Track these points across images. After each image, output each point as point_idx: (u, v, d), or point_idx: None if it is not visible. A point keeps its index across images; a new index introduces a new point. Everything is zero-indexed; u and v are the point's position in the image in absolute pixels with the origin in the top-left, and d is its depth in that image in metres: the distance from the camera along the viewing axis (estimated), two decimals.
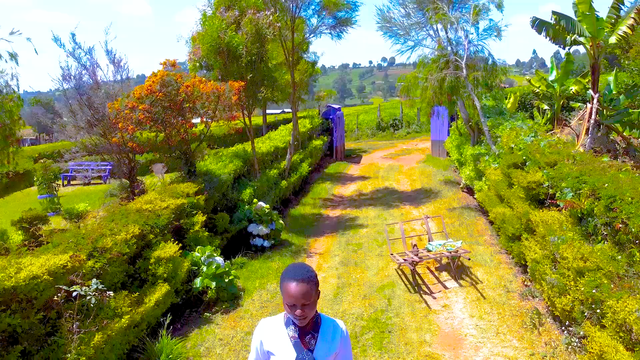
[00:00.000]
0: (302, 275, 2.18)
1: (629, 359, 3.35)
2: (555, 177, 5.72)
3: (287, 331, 2.33)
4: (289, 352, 2.29)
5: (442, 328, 5.26)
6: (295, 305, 2.17)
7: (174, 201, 6.84)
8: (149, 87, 7.67)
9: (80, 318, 4.09)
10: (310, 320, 2.30)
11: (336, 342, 2.34)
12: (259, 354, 2.37)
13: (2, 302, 3.70)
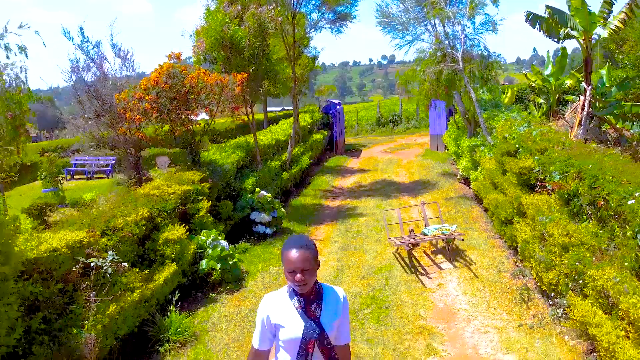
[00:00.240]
0: (301, 243, 2.31)
1: (606, 321, 3.63)
2: (545, 163, 6.00)
3: (292, 302, 2.39)
4: (297, 323, 2.35)
5: (437, 304, 5.54)
6: (295, 271, 2.27)
7: (180, 187, 7.13)
8: (155, 79, 7.94)
9: (96, 289, 4.37)
10: (313, 289, 2.38)
11: (339, 307, 2.43)
12: (265, 328, 2.41)
13: (25, 272, 3.97)
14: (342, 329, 2.44)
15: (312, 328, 2.34)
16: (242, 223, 8.96)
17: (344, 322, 2.45)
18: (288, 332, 2.35)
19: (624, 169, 4.40)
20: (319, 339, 2.35)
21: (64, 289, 4.42)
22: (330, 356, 2.38)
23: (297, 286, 2.31)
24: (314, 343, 2.35)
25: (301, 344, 2.34)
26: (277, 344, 2.42)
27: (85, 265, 4.37)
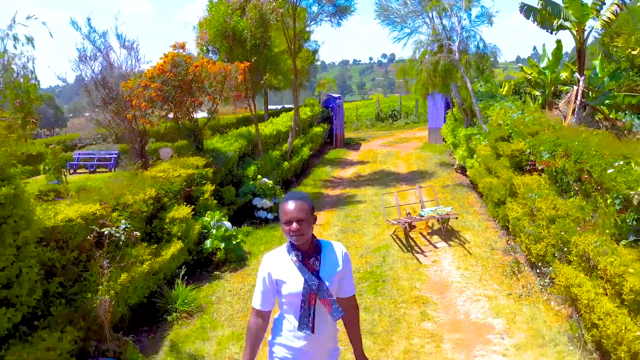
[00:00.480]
0: (298, 196, 2.41)
1: (587, 282, 3.89)
2: (535, 145, 6.26)
3: (290, 257, 2.41)
4: (297, 277, 2.38)
5: (431, 278, 5.81)
6: (291, 221, 2.32)
7: (185, 171, 7.39)
8: (160, 67, 8.20)
9: (109, 257, 4.63)
10: (311, 244, 2.43)
11: (339, 262, 2.46)
12: (267, 285, 2.43)
13: (43, 239, 4.23)
14: (345, 282, 2.50)
15: (311, 281, 2.36)
16: (245, 208, 9.23)
17: (346, 275, 2.49)
18: (289, 287, 2.38)
19: (607, 144, 4.66)
20: (320, 291, 2.36)
21: (78, 258, 4.68)
22: (332, 309, 2.38)
23: (293, 237, 2.34)
24: (315, 296, 2.37)
25: (303, 298, 2.37)
26: (280, 301, 2.46)
27: (98, 235, 4.63)
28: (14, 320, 3.72)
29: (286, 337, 2.47)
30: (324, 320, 2.41)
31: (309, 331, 2.37)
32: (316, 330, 2.38)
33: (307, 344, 2.42)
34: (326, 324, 2.43)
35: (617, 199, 3.78)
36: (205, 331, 5.06)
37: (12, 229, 3.71)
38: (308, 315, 2.37)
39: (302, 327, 2.38)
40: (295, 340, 2.44)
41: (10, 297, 3.73)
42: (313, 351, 2.46)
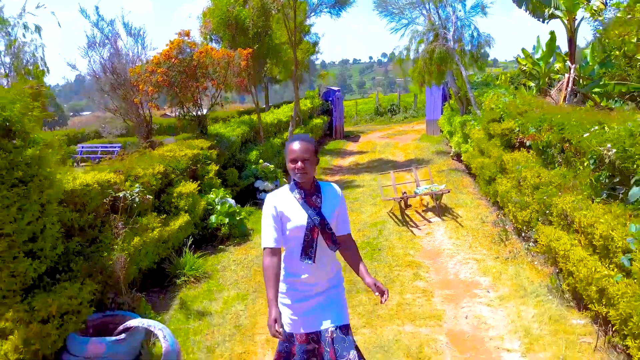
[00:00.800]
0: (303, 137, 2.58)
1: (564, 236, 4.24)
2: (524, 123, 6.60)
3: (293, 195, 2.58)
4: (301, 213, 2.54)
5: (425, 247, 6.15)
6: (296, 160, 2.48)
7: (191, 151, 7.73)
8: (166, 53, 8.53)
9: (123, 219, 4.97)
10: (312, 184, 2.61)
11: (337, 200, 2.66)
12: (275, 222, 2.55)
13: (63, 201, 4.57)
14: (341, 220, 2.68)
15: (314, 216, 2.54)
16: (247, 191, 9.57)
17: (342, 213, 2.68)
18: (294, 222, 2.54)
19: (586, 116, 5.00)
20: (321, 225, 2.54)
21: (94, 222, 5.02)
22: (332, 240, 2.59)
23: (298, 175, 2.51)
24: (317, 230, 2.54)
25: (306, 231, 2.53)
26: (285, 237, 2.60)
27: (114, 199, 4.98)
28: (38, 271, 4.06)
29: (290, 272, 2.66)
30: (324, 252, 2.61)
31: (310, 261, 2.56)
32: (317, 261, 2.57)
33: (309, 275, 2.61)
34: (326, 256, 2.63)
35: (592, 159, 4.12)
36: (212, 293, 5.40)
37: (37, 187, 4.04)
38: (310, 247, 2.56)
39: (304, 258, 2.56)
40: (298, 273, 2.62)
41: (35, 249, 4.07)
42: (315, 281, 2.63)
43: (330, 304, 2.67)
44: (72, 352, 4.02)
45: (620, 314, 3.10)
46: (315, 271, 2.62)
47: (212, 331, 4.53)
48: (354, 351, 2.55)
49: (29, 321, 3.85)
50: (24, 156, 3.96)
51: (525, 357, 3.51)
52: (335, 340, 2.57)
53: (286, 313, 2.66)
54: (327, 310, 2.65)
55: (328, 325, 2.60)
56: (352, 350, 2.55)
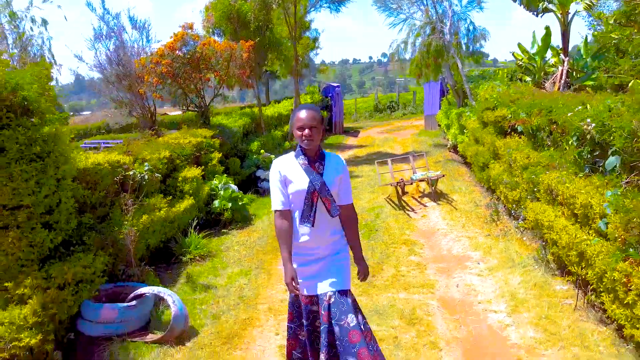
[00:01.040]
0: (310, 106, 2.70)
1: (549, 209, 4.50)
2: (516, 110, 6.85)
3: (298, 161, 2.68)
4: (303, 177, 2.64)
5: (420, 227, 6.41)
6: (303, 127, 2.60)
7: (195, 139, 7.99)
8: (170, 45, 8.80)
9: (133, 197, 5.23)
10: (317, 152, 2.70)
11: (340, 168, 2.75)
12: (281, 185, 2.69)
13: (77, 178, 4.83)
14: (344, 189, 2.77)
15: (315, 181, 2.63)
16: (249, 179, 9.83)
17: (345, 183, 2.77)
18: (296, 185, 2.65)
19: (571, 98, 5.26)
20: (321, 190, 2.63)
21: (105, 202, 5.28)
22: (331, 206, 2.66)
23: (305, 141, 2.62)
24: (317, 194, 2.63)
25: (307, 195, 2.63)
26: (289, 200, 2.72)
27: (123, 177, 5.23)
28: (55, 242, 4.32)
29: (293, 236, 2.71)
30: (324, 217, 2.69)
31: (309, 224, 2.64)
32: (316, 225, 2.66)
33: (309, 239, 2.69)
34: (326, 222, 2.70)
35: (575, 136, 4.38)
36: (216, 269, 5.66)
37: (53, 162, 4.30)
38: (310, 211, 2.64)
39: (304, 221, 2.65)
40: (299, 237, 2.70)
41: (52, 222, 4.33)
42: (315, 245, 2.71)
43: (331, 269, 2.73)
44: (86, 317, 4.27)
45: (596, 273, 3.36)
46: (315, 235, 2.69)
47: (217, 301, 4.78)
48: (352, 315, 2.59)
49: (47, 288, 4.09)
50: (41, 133, 4.21)
51: (510, 317, 3.77)
52: (332, 305, 2.63)
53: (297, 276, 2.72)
54: (328, 275, 2.72)
55: (327, 290, 2.67)
56: (350, 314, 2.59)
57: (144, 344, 4.11)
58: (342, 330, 2.56)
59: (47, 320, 4.02)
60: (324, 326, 2.62)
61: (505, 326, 3.64)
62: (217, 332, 4.15)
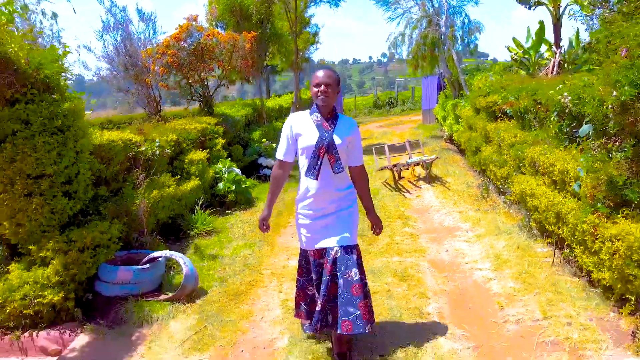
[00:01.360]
0: (327, 67, 2.89)
1: (532, 180, 4.85)
2: (506, 95, 7.20)
3: (311, 118, 2.85)
4: (313, 132, 2.81)
5: (414, 205, 6.76)
6: (320, 84, 2.76)
7: (200, 125, 8.34)
8: (175, 36, 9.14)
9: (145, 172, 5.58)
10: (331, 112, 2.85)
11: (351, 129, 2.90)
12: (289, 139, 2.88)
13: (92, 153, 5.18)
14: (355, 151, 2.93)
15: (324, 137, 2.79)
16: (251, 166, 10.17)
17: (355, 145, 2.92)
18: (305, 139, 2.84)
19: (555, 80, 5.61)
20: (328, 146, 2.78)
21: (118, 177, 5.63)
22: (335, 163, 2.81)
23: (320, 97, 2.77)
24: (324, 150, 2.78)
25: (314, 149, 2.79)
26: (300, 155, 2.93)
27: (135, 155, 5.58)
28: (74, 210, 4.67)
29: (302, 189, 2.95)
30: (328, 173, 2.83)
31: (313, 177, 2.81)
32: (320, 178, 2.82)
33: (314, 192, 2.88)
34: (330, 177, 2.84)
35: (555, 112, 4.73)
36: (222, 243, 6.01)
37: (72, 136, 4.64)
38: (316, 164, 2.80)
39: (308, 174, 2.83)
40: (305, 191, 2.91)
41: (71, 191, 4.67)
42: (321, 199, 2.88)
43: (339, 225, 2.87)
44: (103, 279, 4.62)
45: (570, 228, 3.71)
46: (319, 189, 2.85)
47: (224, 268, 5.13)
48: (356, 269, 2.77)
49: (67, 251, 4.43)
50: (62, 108, 4.55)
51: (493, 273, 4.12)
52: (338, 259, 2.80)
53: (303, 232, 3.00)
54: (335, 230, 2.86)
55: (333, 244, 2.83)
56: (354, 269, 2.77)
57: (157, 302, 4.45)
58: (345, 282, 2.76)
59: (68, 280, 4.36)
60: (326, 277, 2.81)
61: (488, 280, 4.00)
62: (225, 291, 4.49)
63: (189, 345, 3.58)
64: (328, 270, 2.82)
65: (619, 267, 3.03)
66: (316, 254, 2.94)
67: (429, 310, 3.56)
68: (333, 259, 2.82)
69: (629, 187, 3.27)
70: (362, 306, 2.77)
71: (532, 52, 14.53)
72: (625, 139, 3.35)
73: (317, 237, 2.91)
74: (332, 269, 2.81)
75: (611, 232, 3.12)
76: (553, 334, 3.07)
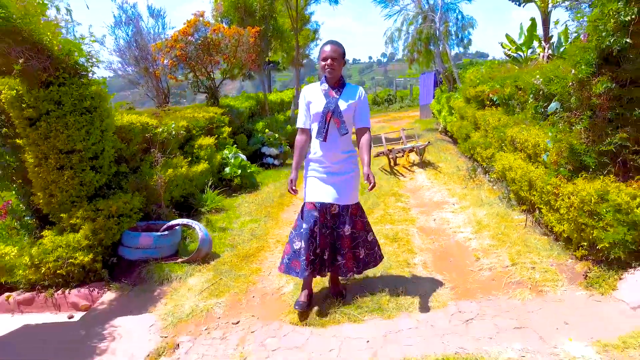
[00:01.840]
0: (333, 41, 3.18)
1: (511, 157, 5.39)
2: (493, 85, 7.75)
3: (321, 88, 3.20)
4: (321, 100, 3.17)
5: (407, 186, 7.31)
6: (327, 58, 3.11)
7: (207, 114, 8.88)
8: (183, 31, 9.68)
9: (161, 152, 6.12)
10: (338, 81, 3.18)
11: (356, 97, 3.19)
12: (305, 108, 3.24)
13: (115, 133, 5.72)
14: (362, 115, 3.23)
15: (330, 103, 3.14)
16: (255, 155, 10.72)
17: (361, 109, 3.21)
18: (315, 106, 3.22)
19: (536, 67, 6.15)
20: (334, 112, 3.14)
21: (136, 157, 6.17)
22: (340, 126, 3.16)
23: (327, 70, 3.13)
24: (330, 114, 3.13)
25: (322, 114, 3.16)
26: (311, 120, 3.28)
27: (152, 136, 6.12)
28: (99, 183, 5.21)
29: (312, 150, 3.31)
30: (334, 135, 3.20)
31: (321, 138, 3.17)
32: (327, 140, 3.19)
33: (322, 152, 3.25)
34: (336, 139, 3.21)
35: (532, 94, 5.27)
36: (230, 219, 6.55)
37: (99, 116, 5.18)
38: (324, 127, 3.17)
39: (318, 136, 3.19)
40: (314, 151, 3.29)
41: (97, 166, 5.22)
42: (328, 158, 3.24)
43: (340, 186, 3.23)
44: (126, 244, 5.16)
45: (539, 192, 4.25)
46: (327, 149, 3.21)
47: (234, 238, 5.67)
48: (348, 226, 3.17)
49: (95, 218, 4.97)
50: (90, 91, 5.08)
51: (473, 235, 4.66)
52: (335, 215, 3.18)
53: (309, 184, 3.33)
54: (336, 190, 3.22)
55: (333, 202, 3.19)
56: (347, 225, 3.16)
57: (175, 263, 5.00)
58: (338, 235, 3.26)
59: (96, 244, 4.90)
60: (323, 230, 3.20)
61: (468, 240, 4.54)
62: (236, 254, 5.03)
63: (207, 293, 4.12)
64: (328, 223, 3.21)
65: (574, 219, 3.57)
66: (312, 205, 3.23)
67: (415, 262, 4.11)
68: (332, 215, 3.22)
69: (586, 154, 3.82)
70: (348, 257, 3.29)
71: (525, 48, 15.08)
72: (583, 112, 3.90)
73: (320, 192, 3.23)
74: (331, 222, 3.22)
75: (568, 190, 3.66)
76: (519, 276, 3.61)
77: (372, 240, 3.50)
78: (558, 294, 3.30)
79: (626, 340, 2.63)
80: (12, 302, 4.86)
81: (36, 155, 4.94)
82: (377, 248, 3.58)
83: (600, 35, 3.60)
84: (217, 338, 3.29)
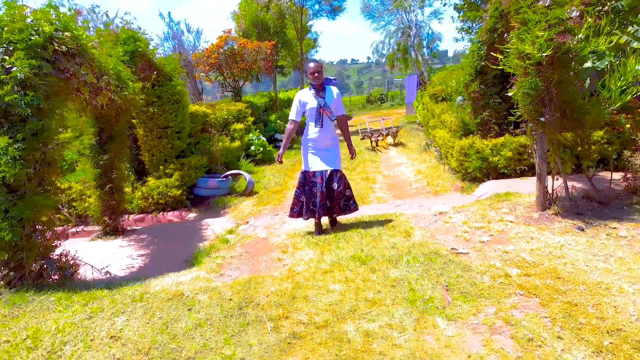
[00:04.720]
0: (314, 60, 4.78)
1: (441, 131, 8.46)
2: (448, 85, 10.82)
3: (311, 92, 4.68)
4: (313, 100, 4.63)
5: (382, 158, 10.40)
6: (314, 72, 4.57)
7: (236, 107, 11.95)
8: (217, 44, 12.75)
9: (217, 132, 9.18)
10: (321, 86, 4.66)
11: (334, 95, 4.70)
12: (298, 106, 4.70)
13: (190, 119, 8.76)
14: (337, 106, 4.75)
15: (320, 101, 4.63)
16: (269, 140, 13.77)
17: (338, 103, 4.74)
18: (310, 104, 4.69)
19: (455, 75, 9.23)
20: (324, 106, 4.64)
21: (197, 134, 9.22)
22: (330, 115, 4.64)
23: (314, 80, 4.61)
24: (322, 109, 4.64)
25: (317, 109, 4.65)
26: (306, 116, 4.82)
27: (207, 119, 9.17)
28: (181, 148, 8.26)
29: (310, 134, 4.84)
30: (327, 122, 4.75)
31: (319, 126, 4.72)
32: (323, 126, 4.75)
33: (319, 135, 4.76)
34: (328, 125, 4.76)
35: (453, 92, 8.35)
36: (259, 177, 9.59)
37: (182, 105, 8.21)
38: (320, 118, 4.70)
39: (317, 124, 4.73)
40: (313, 134, 4.79)
41: (180, 137, 8.26)
42: (323, 139, 4.76)
43: (330, 157, 4.79)
44: (199, 186, 8.20)
45: (447, 147, 7.33)
46: (322, 133, 4.76)
47: (265, 185, 8.71)
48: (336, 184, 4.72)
49: (180, 169, 8.01)
50: (177, 90, 8.12)
51: (414, 177, 7.74)
52: (329, 178, 4.73)
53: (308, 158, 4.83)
54: (328, 161, 4.77)
55: (327, 168, 4.75)
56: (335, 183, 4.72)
57: (231, 197, 8.04)
58: (330, 191, 5.22)
59: (182, 184, 7.94)
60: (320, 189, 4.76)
61: (409, 179, 7.61)
62: (268, 191, 8.09)
63: (256, 207, 7.18)
64: (323, 184, 4.79)
65: (458, 158, 6.66)
66: (312, 173, 4.78)
67: (376, 189, 7.18)
68: (327, 177, 4.77)
69: (471, 124, 6.90)
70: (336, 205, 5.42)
71: None
72: (470, 101, 6.98)
73: (317, 163, 4.77)
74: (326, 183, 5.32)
75: (457, 143, 6.74)
76: (430, 189, 6.69)
77: (349, 195, 5.02)
78: (446, 195, 6.38)
79: (465, 205, 5.68)
80: (131, 219, 7.88)
81: (144, 129, 7.96)
82: (353, 201, 5.03)
83: (474, 59, 6.69)
84: (268, 218, 6.34)
